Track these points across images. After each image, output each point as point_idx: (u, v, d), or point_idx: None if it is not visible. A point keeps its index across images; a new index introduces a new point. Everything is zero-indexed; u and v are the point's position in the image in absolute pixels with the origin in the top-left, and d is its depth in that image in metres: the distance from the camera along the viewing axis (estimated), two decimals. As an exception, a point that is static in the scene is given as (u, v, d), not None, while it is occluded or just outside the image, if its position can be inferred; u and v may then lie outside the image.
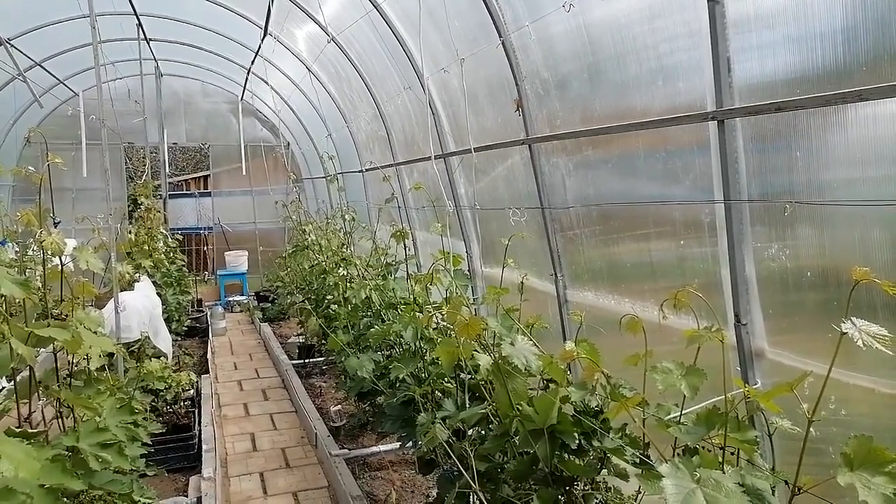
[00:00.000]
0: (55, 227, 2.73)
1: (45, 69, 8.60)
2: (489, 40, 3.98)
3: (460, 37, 4.39)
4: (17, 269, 2.24)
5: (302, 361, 7.52)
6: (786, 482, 1.93)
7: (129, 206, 10.16)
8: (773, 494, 1.82)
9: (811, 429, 1.76)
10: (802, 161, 2.22)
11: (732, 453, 2.06)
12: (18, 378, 2.28)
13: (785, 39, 2.19)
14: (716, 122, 2.42)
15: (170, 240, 8.33)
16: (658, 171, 3.06)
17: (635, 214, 3.25)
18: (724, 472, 1.89)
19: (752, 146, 2.41)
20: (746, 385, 2.29)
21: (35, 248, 2.57)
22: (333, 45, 6.45)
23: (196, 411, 5.49)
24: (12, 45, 7.13)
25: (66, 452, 2.18)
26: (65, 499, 1.99)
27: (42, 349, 2.56)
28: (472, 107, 4.52)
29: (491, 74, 4.27)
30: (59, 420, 2.54)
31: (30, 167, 2.41)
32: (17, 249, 2.70)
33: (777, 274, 2.37)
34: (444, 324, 3.35)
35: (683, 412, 2.19)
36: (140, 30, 7.96)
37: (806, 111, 2.14)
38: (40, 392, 2.33)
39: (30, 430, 1.90)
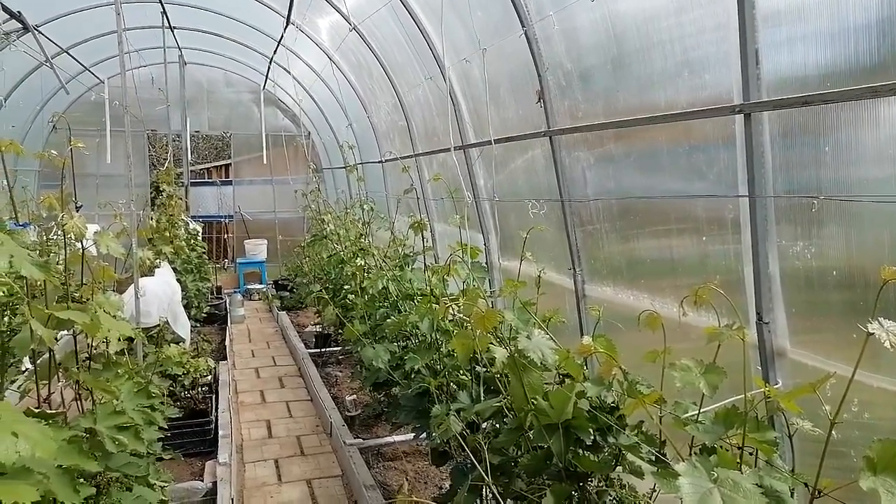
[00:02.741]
0: (77, 211, 2.75)
1: (71, 56, 8.70)
2: (512, 30, 3.94)
3: (483, 27, 4.35)
4: (38, 251, 2.26)
5: (318, 350, 7.57)
6: (805, 484, 1.89)
7: (151, 193, 10.28)
8: (791, 497, 1.78)
9: (833, 431, 1.72)
10: (831, 157, 2.16)
11: (751, 454, 2.03)
12: (39, 360, 2.30)
13: (815, 33, 2.13)
14: (742, 115, 2.36)
15: (191, 227, 8.41)
16: (681, 165, 3.01)
17: (657, 209, 3.20)
18: (742, 473, 1.86)
19: (779, 141, 2.35)
20: (767, 385, 2.25)
21: (57, 231, 2.60)
22: (355, 34, 6.44)
23: (213, 397, 5.54)
24: (40, 32, 7.21)
25: (84, 434, 2.21)
26: (81, 479, 2.01)
27: (64, 332, 2.60)
28: (493, 98, 4.48)
29: (513, 65, 4.23)
30: (79, 402, 2.57)
31: (53, 151, 2.43)
32: (39, 232, 2.73)
33: (801, 272, 2.31)
34: (461, 316, 3.34)
35: (702, 411, 2.16)
36: (164, 17, 8.01)
37: (836, 105, 2.09)
38: (60, 374, 2.36)
39: (48, 412, 1.92)
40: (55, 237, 2.86)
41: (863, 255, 2.13)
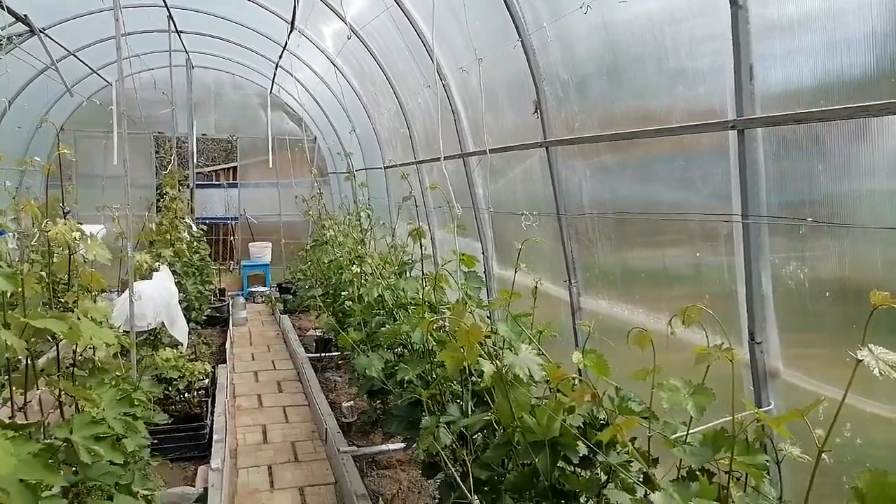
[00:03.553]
0: (65, 216, 2.73)
1: (78, 59, 8.75)
2: (509, 40, 3.90)
3: (481, 36, 4.32)
4: (18, 259, 2.24)
5: (318, 355, 7.54)
6: (793, 512, 1.84)
7: (157, 195, 10.30)
8: (778, 525, 1.73)
9: (824, 456, 1.66)
10: (824, 174, 2.11)
11: (739, 479, 1.97)
12: (17, 368, 2.28)
13: (810, 47, 2.08)
14: (735, 131, 2.31)
15: (194, 230, 8.40)
16: (676, 177, 2.96)
17: (652, 223, 3.15)
18: (729, 500, 1.81)
19: (773, 156, 2.30)
20: (758, 407, 2.20)
21: (37, 239, 2.58)
22: (357, 40, 6.42)
23: (209, 401, 5.52)
24: (47, 35, 7.25)
25: (62, 443, 2.18)
26: (52, 491, 1.98)
27: (62, 339, 2.57)
28: (491, 107, 4.44)
29: (510, 75, 4.20)
30: (61, 410, 2.54)
31: (36, 157, 2.41)
32: (20, 238, 2.71)
33: (795, 291, 2.26)
34: (452, 327, 3.30)
35: (690, 432, 2.10)
36: (171, 22, 8.03)
37: (830, 122, 2.04)
38: (39, 383, 2.33)
39: (19, 423, 1.89)
40: (36, 243, 2.85)
41: (857, 274, 2.07)
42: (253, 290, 11.53)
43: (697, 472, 1.96)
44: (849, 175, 2.02)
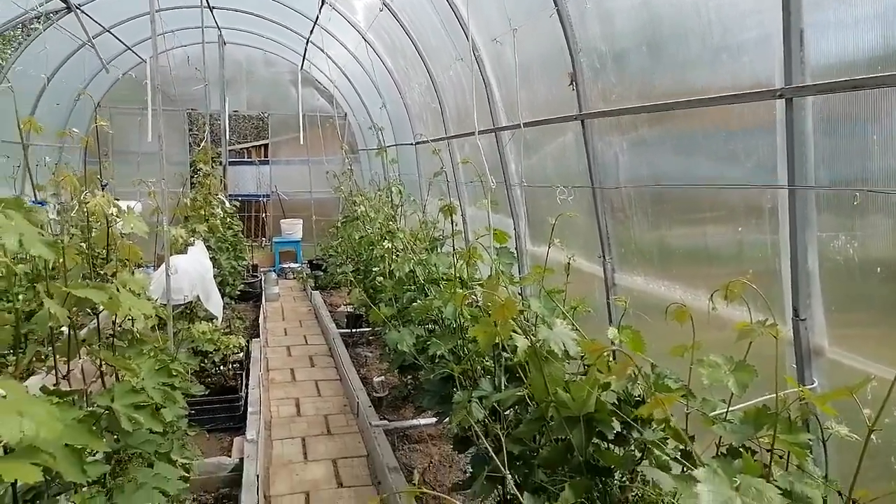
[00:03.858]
0: (102, 189, 2.77)
1: (114, 35, 8.83)
2: (545, 10, 3.80)
3: (515, 6, 4.22)
4: (60, 229, 2.28)
5: (349, 331, 7.61)
6: (839, 493, 1.78)
7: (190, 172, 10.43)
8: (823, 504, 1.68)
9: (872, 437, 1.61)
10: (879, 146, 2.01)
11: (781, 457, 1.92)
12: (61, 337, 2.33)
13: (865, 15, 1.97)
14: (784, 100, 2.22)
15: (227, 206, 8.50)
16: (718, 152, 2.87)
17: (691, 197, 3.07)
18: (770, 478, 1.76)
19: (822, 128, 2.20)
20: (801, 385, 2.13)
21: (76, 211, 2.62)
22: (389, 14, 6.35)
23: (244, 374, 5.62)
24: (82, 11, 7.33)
25: (104, 411, 2.23)
26: (95, 457, 2.03)
27: (104, 311, 2.62)
28: (524, 80, 4.36)
29: (545, 47, 4.10)
30: (102, 379, 2.60)
31: (75, 129, 2.43)
32: (61, 210, 2.76)
33: (843, 267, 2.17)
34: (484, 302, 3.28)
35: (730, 409, 2.06)
36: (203, -3, 8.07)
37: (885, 92, 1.93)
38: (80, 352, 2.38)
39: (63, 390, 1.94)
40: (76, 215, 2.89)
41: (911, 250, 1.98)
42: (284, 266, 11.67)
43: (739, 450, 1.92)
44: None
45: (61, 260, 2.21)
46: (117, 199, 2.79)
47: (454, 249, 4.23)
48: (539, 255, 4.86)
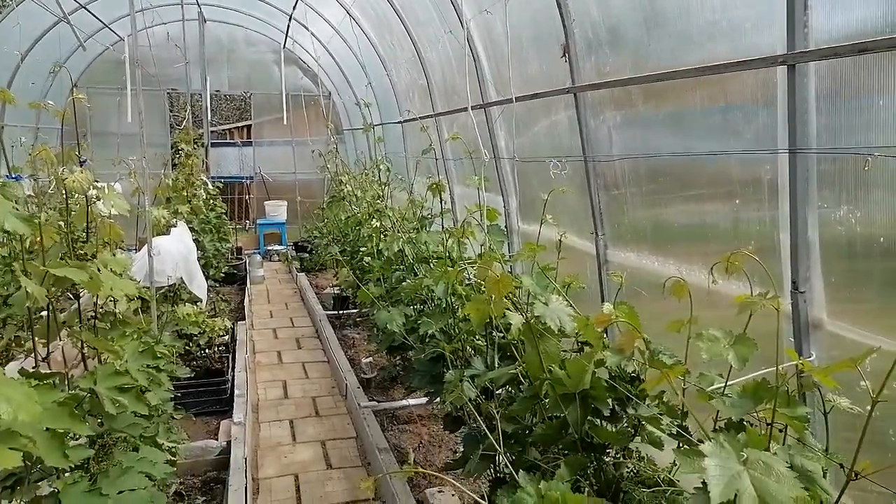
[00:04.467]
0: (81, 165, 2.66)
1: (89, 12, 8.58)
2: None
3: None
4: (35, 205, 2.18)
5: (336, 312, 7.54)
6: (841, 465, 1.76)
7: (172, 153, 10.22)
8: (824, 478, 1.66)
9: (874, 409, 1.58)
10: (884, 114, 1.97)
11: (780, 431, 1.90)
12: (39, 318, 2.24)
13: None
14: (786, 67, 2.16)
15: (210, 187, 8.35)
16: (715, 127, 2.81)
17: (686, 171, 3.02)
18: (773, 454, 1.74)
19: (825, 97, 2.16)
20: (800, 357, 2.11)
21: (53, 187, 2.51)
22: (374, -13, 6.20)
23: (230, 357, 5.54)
24: (56, -14, 7.10)
25: (86, 394, 2.15)
26: (79, 441, 1.96)
27: (86, 294, 2.53)
28: (515, 54, 4.27)
29: (538, 18, 4.01)
30: (83, 363, 2.52)
31: (50, 102, 2.32)
32: (37, 186, 2.65)
33: (844, 239, 2.14)
34: (476, 280, 3.23)
35: (728, 384, 2.03)
36: (182, -28, 7.84)
37: (890, 60, 1.89)
38: (61, 335, 2.30)
39: (43, 372, 1.86)
40: (53, 192, 2.79)
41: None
42: (269, 248, 11.54)
43: (739, 424, 1.89)
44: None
45: (39, 238, 2.12)
46: (97, 181, 2.69)
47: (444, 228, 4.17)
48: (530, 233, 4.81)
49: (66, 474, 2.11)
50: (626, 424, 2.39)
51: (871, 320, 2.15)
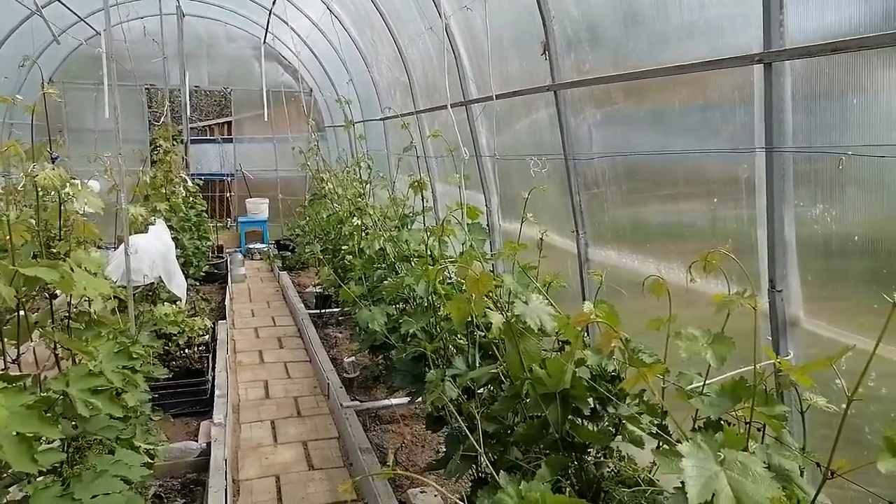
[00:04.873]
0: (52, 162, 2.61)
1: (64, 4, 8.41)
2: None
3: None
4: (4, 203, 2.13)
5: (318, 311, 7.49)
6: (817, 464, 1.78)
7: (151, 150, 10.08)
8: (801, 476, 1.67)
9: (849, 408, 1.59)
10: (858, 113, 1.98)
11: (758, 430, 1.91)
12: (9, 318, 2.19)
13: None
14: (762, 65, 2.18)
15: (189, 184, 8.24)
16: (694, 125, 2.83)
17: (665, 170, 3.03)
18: (750, 454, 1.75)
19: (801, 96, 2.17)
20: (778, 356, 2.12)
21: (23, 185, 2.46)
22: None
23: (210, 357, 5.48)
24: (30, -21, 6.95)
25: (59, 397, 2.11)
26: (52, 445, 1.92)
27: (57, 292, 2.47)
28: (496, 51, 4.26)
29: (517, 15, 4.00)
30: (57, 364, 2.47)
31: (18, 96, 2.27)
32: (6, 182, 2.59)
33: (820, 237, 2.16)
34: (457, 279, 3.21)
35: (707, 382, 2.04)
36: (159, -35, 7.73)
37: (866, 58, 1.90)
38: (33, 336, 2.25)
39: (11, 374, 1.81)
40: (24, 189, 2.73)
41: (889, 220, 1.97)
42: (251, 246, 11.44)
43: (717, 423, 1.89)
44: (886, 115, 1.90)
45: (8, 237, 2.07)
46: (73, 179, 2.63)
47: (425, 226, 4.15)
48: (511, 232, 4.81)
49: (39, 479, 2.07)
50: (607, 423, 2.39)
51: (847, 318, 2.17)
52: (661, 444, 2.13)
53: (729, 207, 2.62)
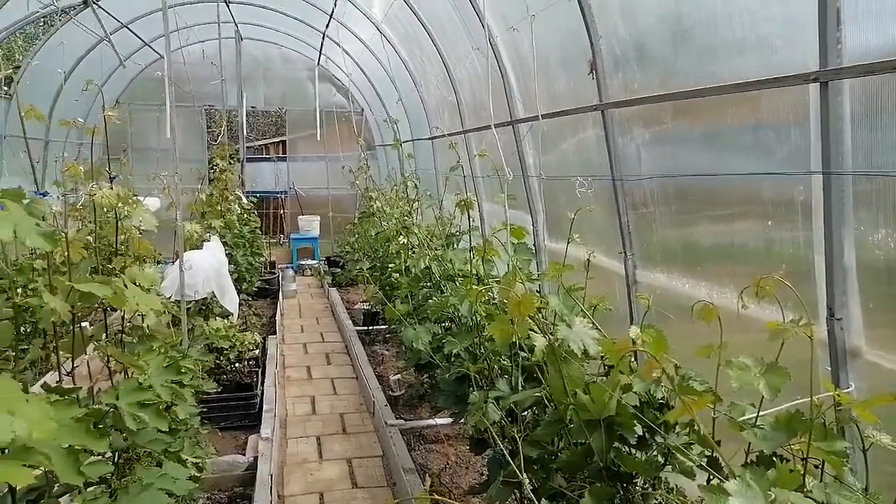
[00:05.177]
0: (111, 181, 2.72)
1: (130, 31, 8.84)
2: (564, -5, 3.69)
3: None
4: (64, 221, 2.22)
5: (366, 328, 7.55)
6: (881, 506, 1.66)
7: (209, 168, 10.44)
8: (863, 519, 1.57)
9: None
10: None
11: (816, 466, 1.81)
12: (66, 333, 2.28)
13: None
14: (818, 84, 2.09)
15: (244, 201, 8.48)
16: (746, 145, 2.74)
17: (717, 191, 2.94)
18: (805, 488, 1.65)
19: (860, 114, 2.07)
20: (837, 388, 2.01)
21: (82, 202, 2.57)
22: (404, 4, 6.25)
23: (260, 371, 5.58)
24: (99, 6, 7.34)
25: (109, 410, 2.17)
26: (100, 456, 1.97)
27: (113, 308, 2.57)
28: (543, 70, 4.24)
29: (564, 35, 3.98)
30: (110, 377, 2.55)
31: (80, 119, 2.38)
32: (63, 201, 2.71)
33: (883, 263, 2.04)
34: (501, 300, 3.18)
35: (761, 414, 1.94)
36: (219, -8, 8.05)
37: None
38: (87, 349, 2.33)
39: (64, 387, 1.88)
40: (82, 207, 2.85)
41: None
42: (302, 263, 11.65)
43: (770, 458, 1.80)
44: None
45: (66, 253, 2.16)
46: (136, 196, 2.74)
47: (471, 245, 4.14)
48: (557, 252, 4.75)
49: (89, 490, 2.13)
50: (655, 453, 2.31)
51: (913, 349, 2.04)
52: (710, 477, 2.04)
53: (784, 230, 2.52)
